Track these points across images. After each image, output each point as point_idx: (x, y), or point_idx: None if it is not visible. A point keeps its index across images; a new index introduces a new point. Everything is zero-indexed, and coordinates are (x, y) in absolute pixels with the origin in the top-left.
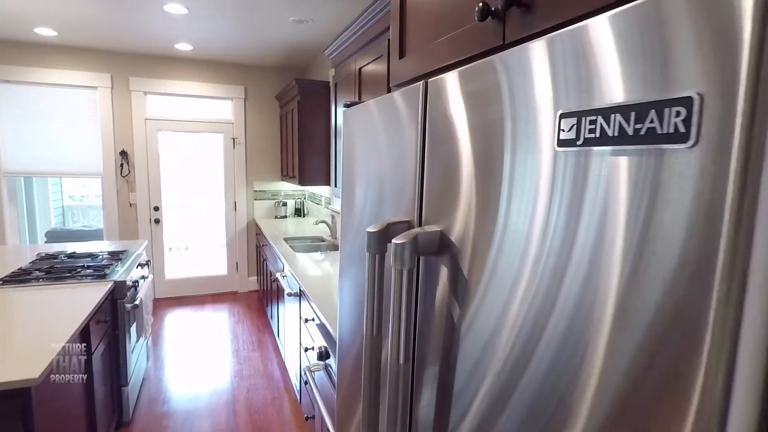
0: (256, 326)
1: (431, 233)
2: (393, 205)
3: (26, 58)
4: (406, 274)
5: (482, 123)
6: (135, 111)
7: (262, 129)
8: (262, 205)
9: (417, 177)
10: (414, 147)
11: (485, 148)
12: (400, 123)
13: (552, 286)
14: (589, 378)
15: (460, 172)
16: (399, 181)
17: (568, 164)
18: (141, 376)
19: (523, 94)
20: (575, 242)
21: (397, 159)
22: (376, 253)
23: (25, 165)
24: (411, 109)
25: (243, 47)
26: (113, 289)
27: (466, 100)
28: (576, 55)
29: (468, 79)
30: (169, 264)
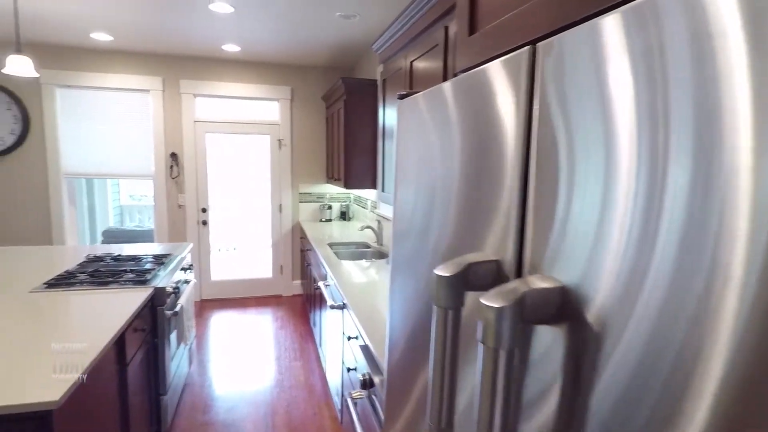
0: (299, 333)
1: (547, 290)
2: (467, 226)
3: (84, 63)
4: (504, 356)
5: None
6: (185, 113)
7: (308, 130)
8: (307, 207)
9: (516, 190)
10: (511, 143)
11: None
12: (483, 110)
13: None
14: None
15: (609, 187)
16: (479, 192)
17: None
18: (182, 381)
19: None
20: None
21: (475, 160)
22: (448, 308)
23: (83, 167)
24: (508, 89)
25: (289, 47)
26: (153, 295)
27: (637, 59)
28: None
29: (642, 23)
30: (215, 265)
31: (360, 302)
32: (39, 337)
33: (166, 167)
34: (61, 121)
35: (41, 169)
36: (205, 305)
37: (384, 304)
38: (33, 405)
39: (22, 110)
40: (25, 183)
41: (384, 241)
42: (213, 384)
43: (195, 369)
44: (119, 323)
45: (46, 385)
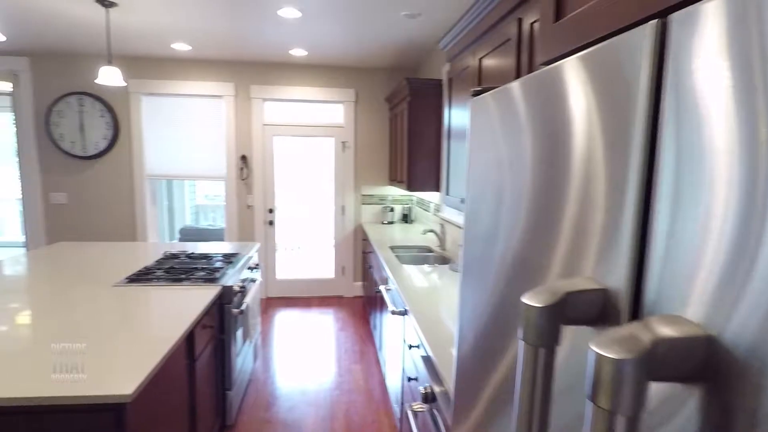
0: (359, 335)
1: (687, 340)
2: (564, 240)
3: (165, 72)
4: (623, 423)
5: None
6: (254, 117)
7: (371, 132)
8: (369, 209)
9: (635, 202)
10: (630, 144)
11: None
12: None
13: None
14: None
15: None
16: (579, 199)
17: None
18: (247, 377)
19: None
20: None
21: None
22: (540, 346)
23: (163, 169)
24: (619, 78)
25: (354, 49)
26: (221, 293)
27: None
28: None
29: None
30: (281, 264)
31: (422, 309)
32: (117, 330)
33: (237, 169)
34: (145, 127)
35: (127, 171)
36: (270, 303)
37: (447, 312)
38: (107, 397)
39: (114, 117)
40: (113, 184)
41: (447, 245)
42: (276, 381)
43: (259, 365)
44: (189, 319)
45: (120, 378)
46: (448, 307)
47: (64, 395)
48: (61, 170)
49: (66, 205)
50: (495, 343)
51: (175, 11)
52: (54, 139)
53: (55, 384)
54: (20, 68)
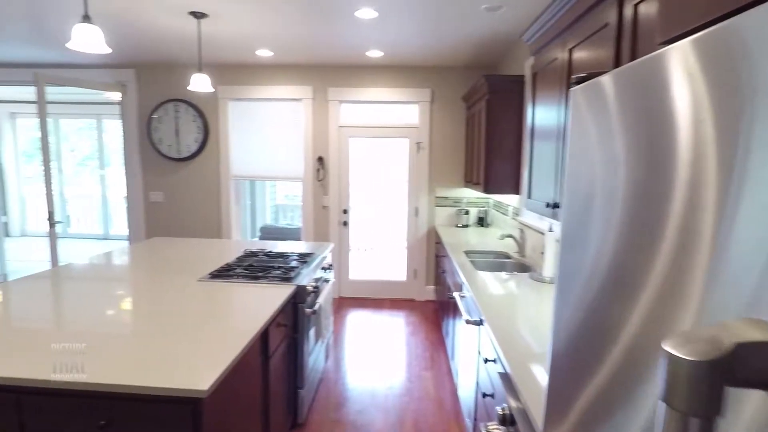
0: (430, 341)
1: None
2: (709, 266)
3: (248, 78)
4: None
5: None
6: (331, 119)
7: (447, 133)
8: (443, 212)
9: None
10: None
11: None
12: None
13: None
14: None
15: None
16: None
17: None
18: (318, 376)
19: None
20: None
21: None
22: (693, 416)
23: (247, 169)
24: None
25: (431, 47)
26: (295, 293)
27: None
28: None
29: None
30: (353, 265)
31: (499, 320)
32: (198, 324)
33: (314, 170)
34: (231, 130)
35: (215, 171)
36: (343, 302)
37: (527, 325)
38: (184, 391)
39: (204, 122)
40: (202, 184)
41: (527, 252)
42: (346, 382)
43: (330, 364)
44: (265, 317)
45: (198, 371)
46: (527, 319)
47: (146, 385)
48: (159, 171)
49: (162, 203)
50: (595, 367)
51: (260, 19)
52: (153, 143)
53: (139, 373)
54: (127, 79)
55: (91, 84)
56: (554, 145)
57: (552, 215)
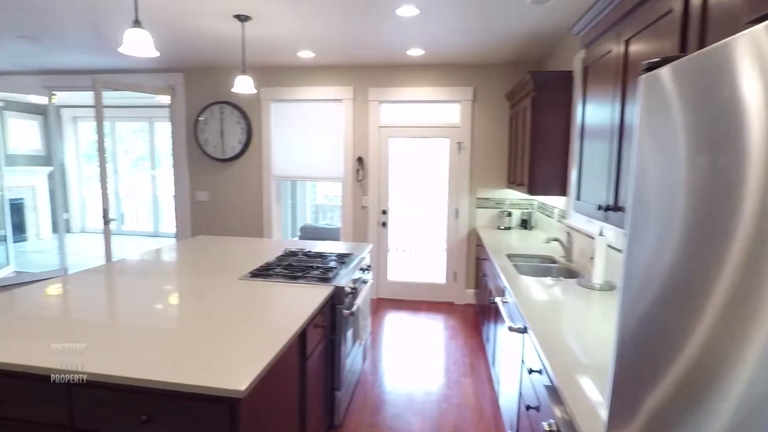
0: (470, 346)
1: None
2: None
3: (290, 79)
4: None
5: None
6: (371, 119)
7: (489, 132)
8: (484, 213)
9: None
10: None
11: None
12: None
13: None
14: None
15: None
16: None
17: None
18: (355, 378)
19: None
20: None
21: None
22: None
23: (288, 170)
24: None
25: (473, 44)
26: (333, 293)
27: None
28: None
29: None
30: (392, 266)
31: (545, 328)
32: (237, 322)
33: (353, 171)
34: (273, 131)
35: (257, 172)
36: (381, 304)
37: (575, 335)
38: (221, 390)
39: (247, 123)
40: (245, 184)
41: (574, 257)
42: (383, 385)
43: (368, 366)
44: (303, 317)
45: (236, 371)
46: (575, 327)
47: (184, 383)
48: (205, 171)
49: (207, 202)
50: (659, 377)
51: (302, 20)
52: (200, 144)
53: (179, 370)
54: (176, 83)
55: (143, 88)
56: (607, 144)
57: (604, 218)
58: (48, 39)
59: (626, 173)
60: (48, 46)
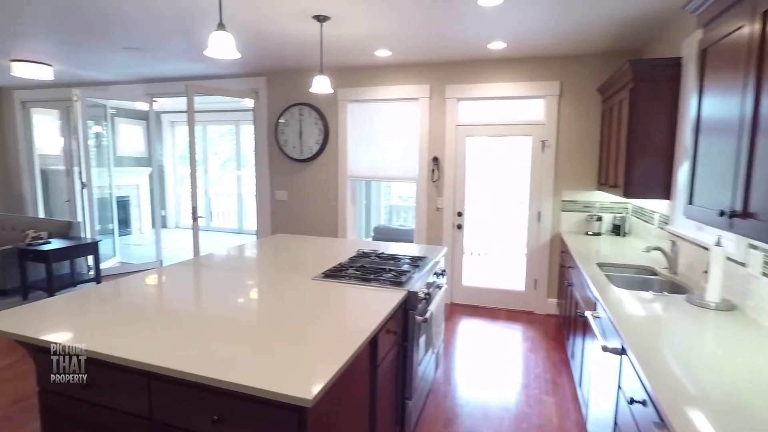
0: (552, 361)
1: None
2: None
3: (366, 79)
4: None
5: None
6: (448, 118)
7: (577, 129)
8: (570, 217)
9: None
10: None
11: None
12: None
13: None
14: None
15: None
16: None
17: None
18: (427, 387)
19: None
20: None
21: None
22: None
23: (362, 170)
24: None
25: (561, 35)
26: (406, 298)
27: None
28: None
29: None
30: (467, 270)
31: (648, 352)
32: (309, 325)
33: (428, 171)
34: (349, 132)
35: (333, 172)
36: (455, 309)
37: (685, 362)
38: (289, 397)
39: (324, 124)
40: (321, 184)
41: (680, 269)
42: (456, 395)
43: (440, 375)
44: (375, 323)
45: (305, 376)
46: (685, 353)
47: (253, 386)
48: (284, 171)
49: (286, 202)
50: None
51: (379, 18)
52: (280, 145)
53: (250, 372)
54: (259, 86)
55: (229, 92)
56: (734, 139)
57: (728, 226)
58: (148, 49)
59: (762, 174)
60: (149, 56)
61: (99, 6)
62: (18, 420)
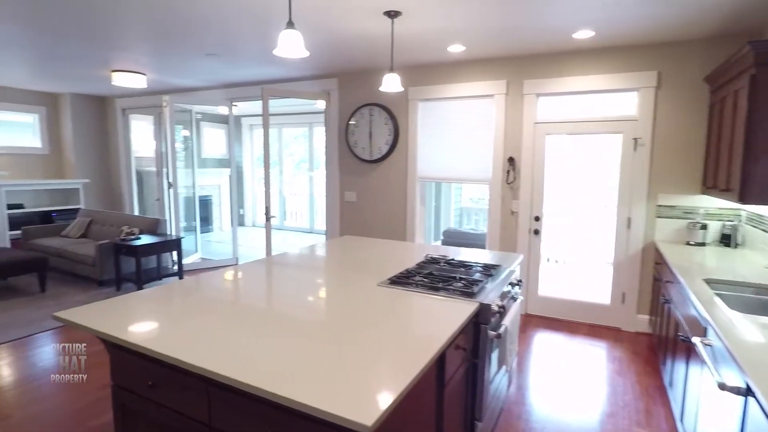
0: (644, 387)
1: None
2: None
3: (438, 77)
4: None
5: None
6: (525, 115)
7: (677, 124)
8: (667, 224)
9: None
10: None
11: None
12: None
13: None
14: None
15: None
16: None
17: None
18: (498, 407)
19: None
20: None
21: None
22: None
23: (432, 171)
24: None
25: (661, 18)
26: (478, 311)
27: None
28: None
29: None
30: (544, 279)
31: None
32: (372, 337)
33: (503, 172)
34: (419, 132)
35: (402, 173)
36: (530, 320)
37: None
38: (347, 421)
39: (394, 124)
40: (389, 185)
41: None
42: (532, 417)
43: (513, 394)
44: (443, 338)
45: (366, 397)
46: None
47: (308, 404)
48: (353, 172)
49: (355, 203)
50: None
51: (453, 11)
52: (350, 146)
53: (307, 387)
54: (331, 87)
55: (302, 94)
56: None
57: None
58: (227, 55)
59: None
60: (228, 61)
61: (182, 12)
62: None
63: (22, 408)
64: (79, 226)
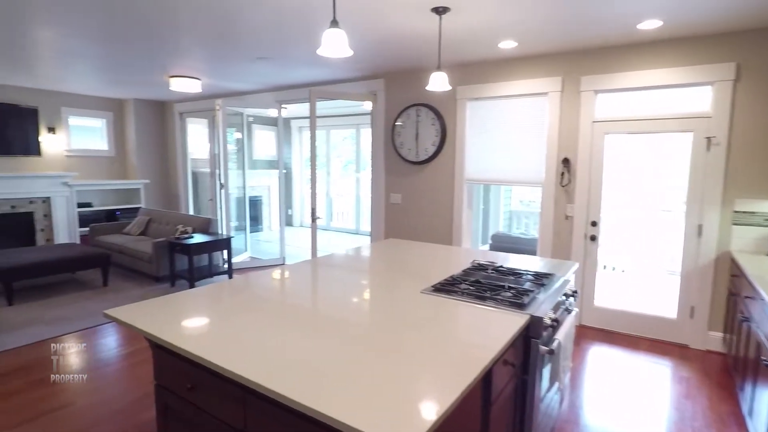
0: (717, 414)
1: None
2: None
3: (488, 75)
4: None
5: None
6: (582, 114)
7: (760, 121)
8: (746, 232)
9: None
10: None
11: None
12: None
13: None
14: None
15: None
16: None
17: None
18: (550, 425)
19: None
20: None
21: None
22: None
23: (481, 173)
24: None
25: (741, 3)
26: (528, 324)
27: None
28: None
29: None
30: (600, 288)
31: None
32: (413, 349)
33: (557, 174)
34: (467, 132)
35: (449, 175)
36: (585, 333)
37: None
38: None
39: (442, 124)
40: (436, 187)
41: None
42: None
43: (565, 412)
44: (491, 353)
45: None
46: None
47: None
48: (399, 174)
49: (400, 205)
50: None
51: (505, 4)
52: (396, 147)
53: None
54: (378, 88)
55: (349, 96)
56: None
57: None
58: (277, 57)
59: None
60: (277, 64)
61: (235, 17)
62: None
63: (83, 396)
64: (139, 224)
